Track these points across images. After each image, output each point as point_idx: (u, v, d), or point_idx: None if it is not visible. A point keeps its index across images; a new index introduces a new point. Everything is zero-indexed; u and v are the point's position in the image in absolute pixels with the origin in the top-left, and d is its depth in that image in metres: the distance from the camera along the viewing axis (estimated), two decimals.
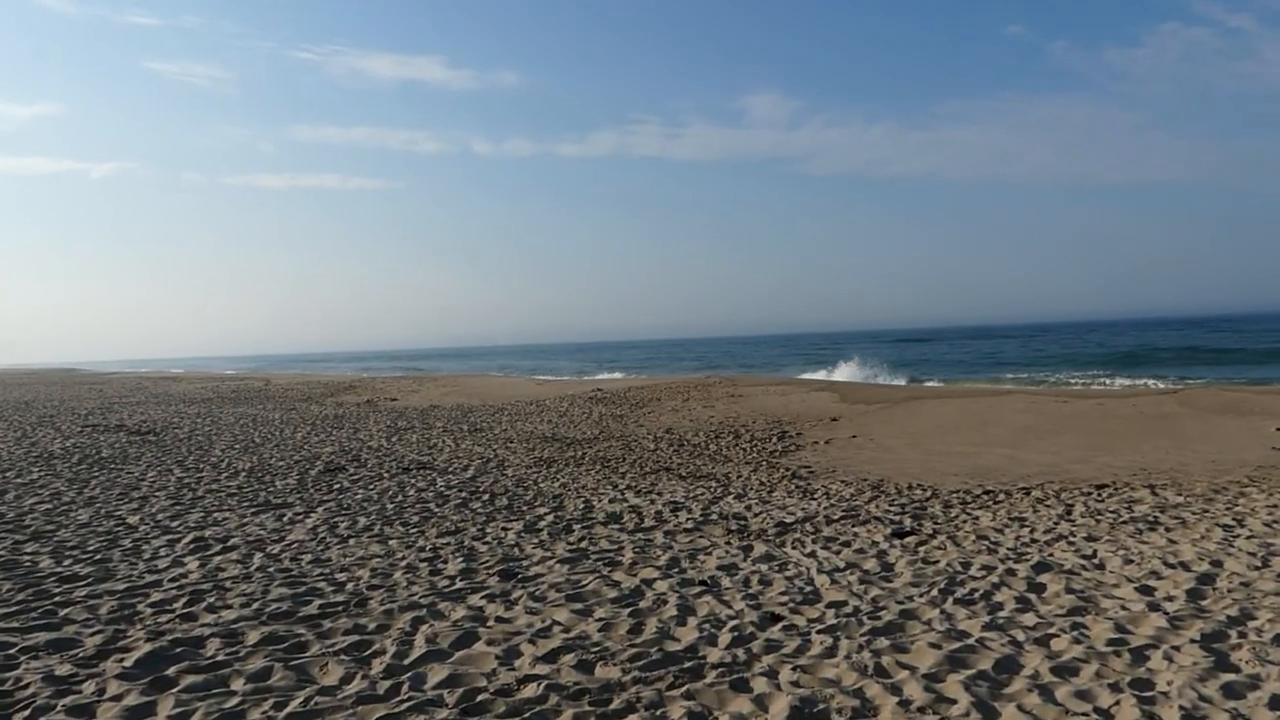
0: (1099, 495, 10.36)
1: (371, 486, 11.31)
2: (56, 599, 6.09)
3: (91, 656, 4.96)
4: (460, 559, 7.42)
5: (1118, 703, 4.41)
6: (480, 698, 4.46)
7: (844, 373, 43.93)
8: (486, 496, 10.55)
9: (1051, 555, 7.44)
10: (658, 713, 4.33)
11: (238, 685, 4.59)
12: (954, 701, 4.45)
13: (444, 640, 5.32)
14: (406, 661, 4.98)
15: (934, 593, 6.36)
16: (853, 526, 8.78)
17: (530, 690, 4.55)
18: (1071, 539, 8.04)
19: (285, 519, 9.14)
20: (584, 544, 8.03)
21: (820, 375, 42.88)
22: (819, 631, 5.52)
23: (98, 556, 7.39)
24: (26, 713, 4.22)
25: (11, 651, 5.00)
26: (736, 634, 5.46)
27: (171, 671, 4.73)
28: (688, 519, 9.12)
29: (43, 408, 26.88)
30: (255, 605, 5.99)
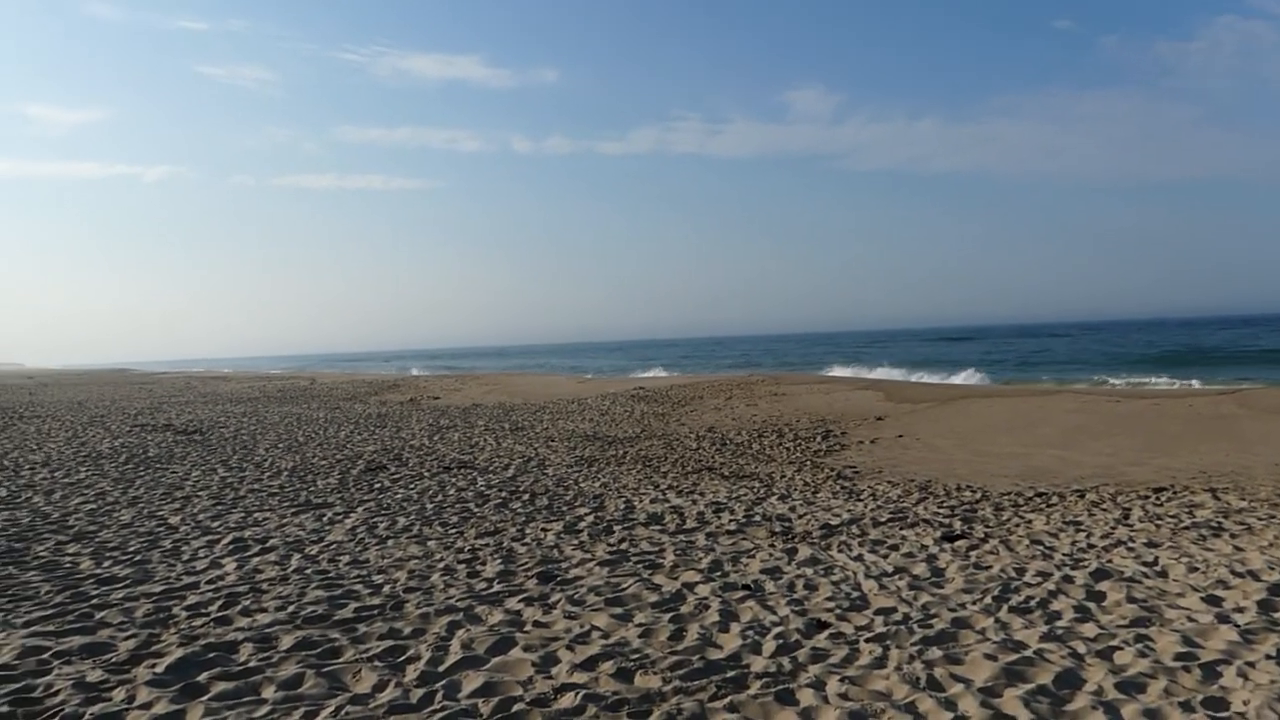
0: (1157, 499, 9.99)
1: (412, 486, 11.25)
2: (94, 601, 6.05)
3: (124, 661, 4.89)
4: (499, 561, 7.29)
5: None
6: (515, 708, 4.31)
7: (888, 371, 43.42)
8: (527, 496, 10.44)
9: (1110, 562, 7.14)
10: None
11: (268, 693, 4.48)
12: (1013, 719, 4.23)
13: (480, 646, 5.18)
14: (441, 668, 4.85)
15: (987, 600, 6.11)
16: (901, 529, 8.53)
17: (567, 700, 4.40)
18: (1131, 545, 7.72)
19: (325, 519, 9.09)
20: (624, 546, 7.87)
21: (864, 373, 42.40)
22: (868, 640, 5.31)
23: (137, 558, 7.37)
24: None
25: (45, 656, 4.95)
26: (781, 642, 5.27)
27: (203, 678, 4.64)
28: (730, 520, 8.93)
29: (94, 408, 27.30)
30: (290, 608, 5.90)
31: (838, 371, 44.71)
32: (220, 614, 5.78)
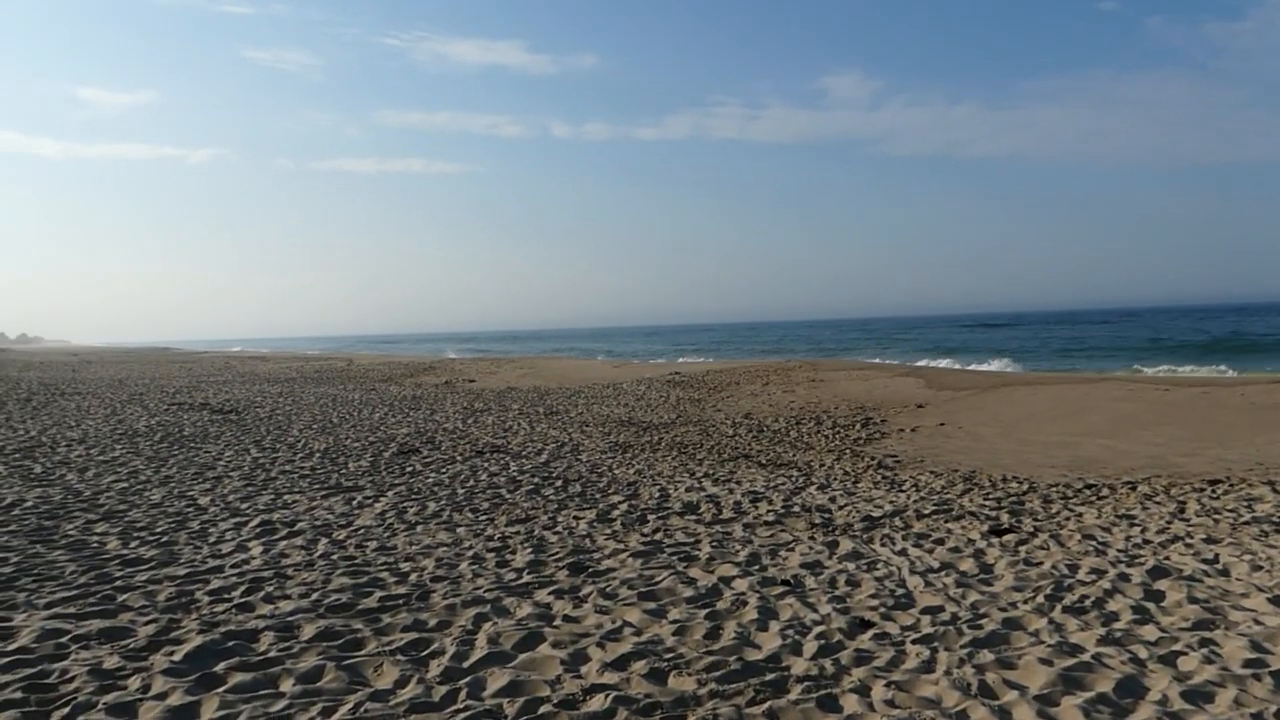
0: (1213, 492, 9.60)
1: (444, 470, 11.10)
2: (117, 583, 5.93)
3: (142, 648, 4.74)
4: (529, 550, 7.10)
5: None
6: (542, 710, 4.10)
7: (927, 357, 42.81)
8: (560, 482, 10.24)
9: (1168, 559, 6.81)
10: None
11: (286, 686, 4.31)
12: None
13: (507, 641, 4.98)
14: (466, 664, 4.65)
15: (1040, 599, 5.82)
16: (945, 522, 8.22)
17: (597, 702, 4.17)
18: (1189, 540, 7.37)
19: (355, 503, 8.95)
20: (659, 536, 7.65)
21: (902, 359, 41.84)
22: (914, 641, 5.04)
23: (164, 539, 7.26)
24: (66, 710, 4.00)
25: (63, 640, 4.82)
26: (823, 642, 5.01)
27: (220, 668, 4.48)
28: (768, 511, 8.67)
29: (134, 386, 27.55)
30: (314, 596, 5.74)
31: (874, 358, 44.17)
32: (243, 600, 5.63)
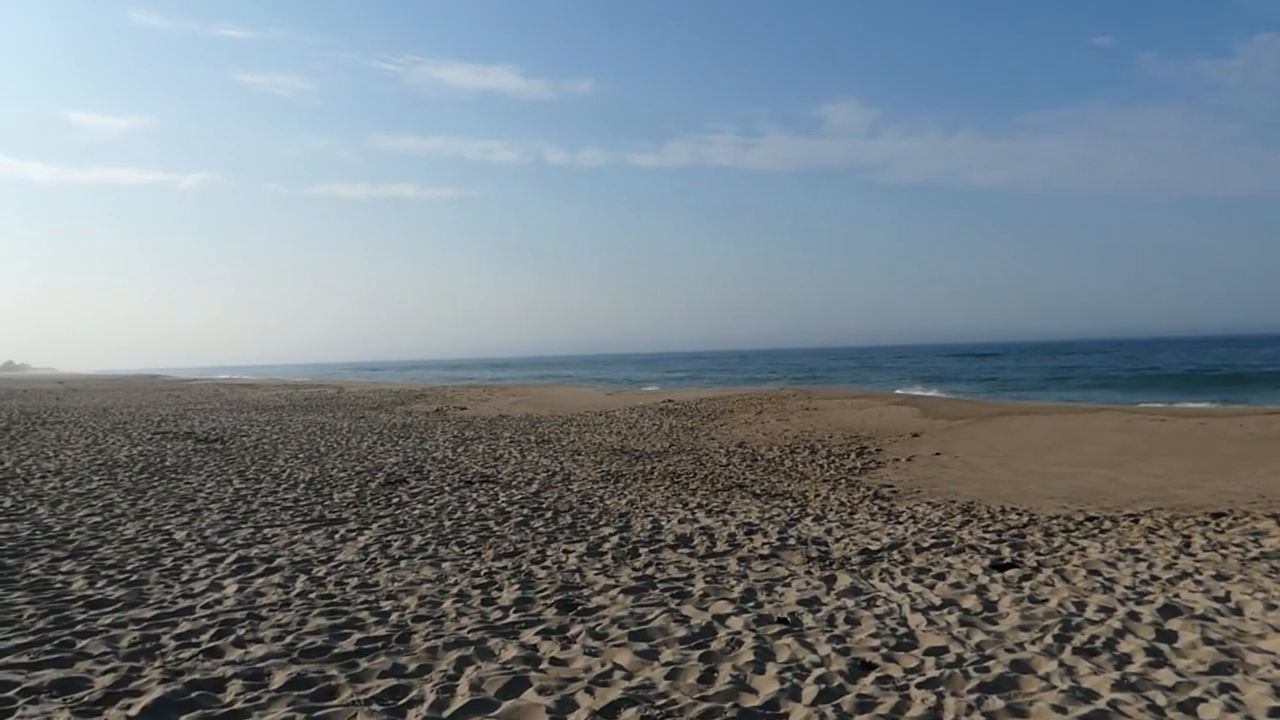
0: (1217, 525, 9.38)
1: (431, 501, 10.81)
2: (78, 628, 5.61)
3: (97, 701, 4.43)
4: (516, 586, 6.82)
5: None
6: None
7: (922, 386, 42.69)
8: (550, 514, 9.96)
9: (1178, 596, 6.56)
10: None
11: None
12: None
13: (490, 687, 4.69)
14: (446, 714, 4.36)
15: (1048, 639, 5.57)
16: (945, 556, 7.97)
17: None
18: (1198, 577, 7.13)
19: (337, 536, 8.66)
20: (650, 571, 7.37)
21: (897, 388, 41.68)
22: (919, 685, 4.78)
23: (134, 578, 6.94)
24: None
25: (10, 694, 4.49)
26: (823, 686, 4.75)
27: None
28: (763, 543, 8.41)
29: (119, 414, 27.16)
30: (288, 639, 5.44)
31: (869, 387, 44.02)
32: (211, 644, 5.33)
